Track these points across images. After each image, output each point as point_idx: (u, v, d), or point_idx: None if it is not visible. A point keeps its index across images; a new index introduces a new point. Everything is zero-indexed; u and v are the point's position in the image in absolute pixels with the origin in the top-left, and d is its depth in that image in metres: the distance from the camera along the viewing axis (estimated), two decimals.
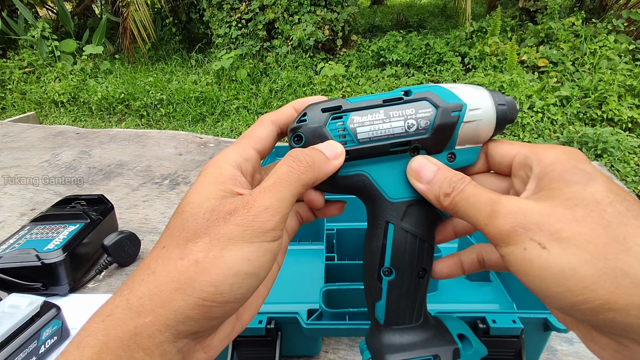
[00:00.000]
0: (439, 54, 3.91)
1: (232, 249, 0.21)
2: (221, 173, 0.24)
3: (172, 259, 0.21)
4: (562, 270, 0.18)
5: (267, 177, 0.24)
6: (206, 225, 0.21)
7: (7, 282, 0.57)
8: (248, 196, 0.22)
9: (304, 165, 0.24)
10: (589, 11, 4.14)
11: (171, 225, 0.23)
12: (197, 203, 0.23)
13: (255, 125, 0.28)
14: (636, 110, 2.98)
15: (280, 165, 0.24)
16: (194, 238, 0.21)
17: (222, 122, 3.61)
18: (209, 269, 0.20)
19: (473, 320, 0.43)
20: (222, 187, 0.23)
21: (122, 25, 4.54)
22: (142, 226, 0.78)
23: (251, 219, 0.21)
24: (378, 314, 0.28)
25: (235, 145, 0.27)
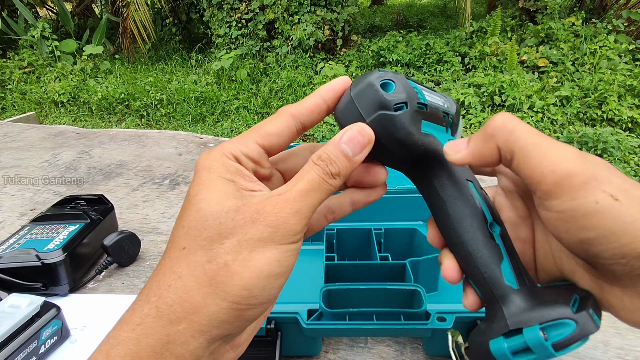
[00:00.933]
0: (439, 54, 3.91)
1: (262, 251, 0.20)
2: (226, 167, 0.23)
3: (198, 262, 0.20)
4: (635, 220, 0.18)
5: (296, 177, 0.23)
6: (232, 226, 0.20)
7: (7, 282, 0.57)
8: (277, 197, 0.21)
9: (334, 174, 0.22)
10: (589, 11, 4.14)
11: (186, 223, 0.21)
12: (216, 201, 0.21)
13: (269, 118, 0.25)
14: (636, 110, 2.98)
15: (309, 170, 0.22)
16: (219, 239, 0.20)
17: (222, 122, 3.61)
18: (240, 272, 0.20)
19: (473, 320, 0.43)
20: (235, 183, 0.22)
21: (122, 25, 4.54)
22: (142, 226, 0.78)
23: (282, 221, 0.21)
24: (508, 277, 0.24)
25: (237, 137, 0.25)
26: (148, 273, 0.65)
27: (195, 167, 0.23)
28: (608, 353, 0.47)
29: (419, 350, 0.49)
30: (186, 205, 0.22)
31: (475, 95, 3.33)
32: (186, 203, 0.22)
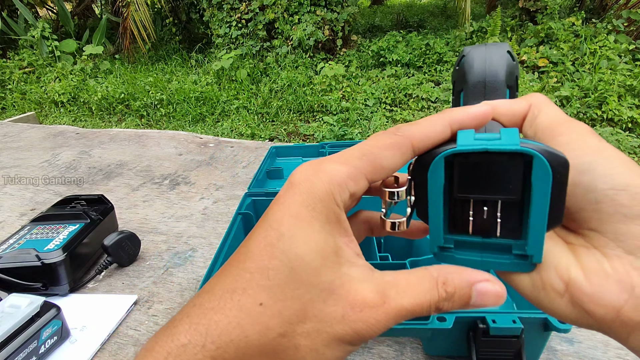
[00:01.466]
0: (439, 54, 3.91)
1: (335, 350, 0.19)
2: (328, 214, 0.19)
3: (271, 331, 0.18)
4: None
5: (404, 281, 0.20)
6: (320, 308, 0.18)
7: (7, 282, 0.57)
8: (381, 303, 0.19)
9: (442, 309, 0.20)
10: (589, 11, 4.14)
11: (272, 275, 0.19)
12: (314, 267, 0.18)
13: (386, 145, 0.20)
14: (636, 110, 2.98)
15: (425, 292, 0.19)
16: (301, 315, 0.18)
17: (222, 122, 3.61)
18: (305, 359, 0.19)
19: (473, 320, 0.43)
20: (334, 243, 0.19)
21: (122, 25, 4.54)
22: (142, 226, 0.78)
23: (370, 333, 0.19)
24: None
25: (347, 165, 0.20)
26: (148, 273, 0.65)
27: (292, 191, 0.20)
28: (608, 353, 0.47)
29: (419, 350, 0.49)
30: (275, 246, 0.19)
31: None
32: (274, 240, 0.19)
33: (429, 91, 3.54)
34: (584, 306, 0.18)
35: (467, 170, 0.19)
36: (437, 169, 0.20)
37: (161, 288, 0.62)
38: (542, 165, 0.18)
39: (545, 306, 0.20)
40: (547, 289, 0.19)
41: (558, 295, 0.19)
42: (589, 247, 0.19)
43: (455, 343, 0.45)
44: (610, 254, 0.18)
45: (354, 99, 3.62)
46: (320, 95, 3.67)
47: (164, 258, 0.69)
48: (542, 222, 0.19)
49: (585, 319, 0.19)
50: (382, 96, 3.62)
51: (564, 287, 0.19)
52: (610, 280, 0.18)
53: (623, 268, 0.18)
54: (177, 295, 0.61)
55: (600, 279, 0.18)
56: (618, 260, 0.18)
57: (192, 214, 0.82)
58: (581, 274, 0.19)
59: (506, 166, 0.19)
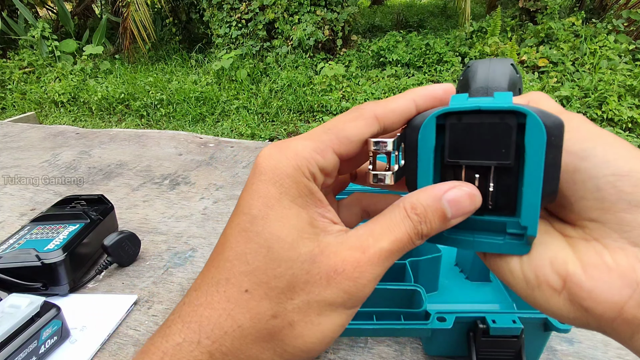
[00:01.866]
0: (439, 54, 3.92)
1: (331, 316, 0.19)
2: (299, 188, 0.19)
3: (262, 315, 0.18)
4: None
5: (377, 226, 0.19)
6: (304, 280, 0.18)
7: (7, 282, 0.57)
8: (360, 256, 0.18)
9: (424, 234, 0.19)
10: (589, 11, 4.14)
11: (252, 260, 0.18)
12: (290, 241, 0.18)
13: (349, 117, 0.20)
14: (636, 110, 2.98)
15: (398, 224, 0.19)
16: (288, 292, 0.18)
17: (222, 122, 3.61)
18: (304, 336, 0.18)
19: (473, 320, 0.43)
20: (307, 212, 0.19)
21: (122, 25, 4.54)
22: (142, 226, 0.78)
23: (360, 288, 0.18)
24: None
25: (311, 140, 0.20)
26: (148, 273, 0.65)
27: (259, 171, 0.19)
28: (608, 353, 0.47)
29: (419, 350, 0.49)
30: (249, 230, 0.19)
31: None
32: (248, 224, 0.19)
33: None
34: (583, 303, 0.17)
35: (459, 133, 0.19)
36: (428, 130, 0.19)
37: (161, 288, 0.62)
38: (536, 124, 0.17)
39: (542, 305, 0.19)
40: (543, 286, 0.18)
41: (555, 292, 0.18)
42: (589, 239, 0.18)
43: (455, 343, 0.45)
44: (612, 245, 0.17)
45: (354, 99, 3.62)
46: (320, 95, 3.67)
47: (164, 258, 0.69)
48: (536, 189, 0.17)
49: (584, 318, 0.17)
50: (382, 96, 3.62)
51: (561, 283, 0.18)
52: (612, 274, 0.16)
53: (627, 261, 0.16)
54: (177, 295, 0.61)
55: (601, 273, 0.17)
56: (621, 252, 0.17)
57: (192, 214, 0.82)
58: (579, 268, 0.17)
59: (499, 128, 0.18)
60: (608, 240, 0.17)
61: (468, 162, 0.19)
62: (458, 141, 0.19)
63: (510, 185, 0.19)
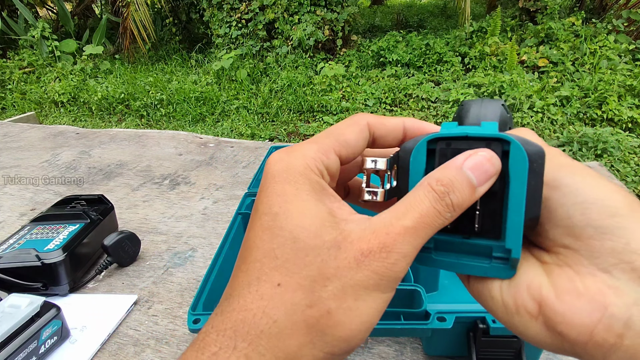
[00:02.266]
0: (439, 54, 3.91)
1: (367, 300, 0.18)
2: (312, 184, 0.20)
3: (297, 306, 0.18)
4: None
5: (401, 206, 0.19)
6: (335, 266, 0.18)
7: (7, 282, 0.57)
8: (384, 236, 0.18)
9: (455, 205, 0.19)
10: (589, 11, 4.14)
11: (280, 254, 0.18)
12: (314, 232, 0.18)
13: (346, 124, 0.22)
14: (636, 110, 2.98)
15: (422, 199, 0.19)
16: (320, 280, 0.18)
17: (222, 122, 3.61)
18: (343, 323, 0.18)
19: (473, 320, 0.43)
20: (326, 207, 0.19)
21: (122, 25, 4.54)
22: (142, 226, 0.78)
23: (390, 267, 0.18)
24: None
25: (316, 143, 0.21)
26: (148, 273, 0.65)
27: (272, 174, 0.20)
28: None
29: (419, 350, 0.49)
30: (273, 226, 0.19)
31: (475, 95, 3.33)
32: (271, 222, 0.19)
33: (429, 91, 3.54)
34: (557, 328, 0.17)
35: (447, 157, 0.20)
36: (419, 153, 0.20)
37: (161, 288, 0.62)
38: (518, 151, 0.18)
39: (521, 331, 0.19)
40: (521, 311, 0.19)
41: (532, 318, 0.18)
42: (562, 265, 0.18)
43: (455, 343, 0.45)
44: (583, 271, 0.18)
45: (354, 99, 3.62)
46: (320, 95, 3.67)
47: (164, 258, 0.69)
48: (519, 212, 0.18)
49: (560, 343, 0.18)
50: (382, 96, 3.62)
51: (537, 309, 0.18)
52: (582, 299, 0.17)
53: (596, 286, 0.17)
54: (177, 295, 0.61)
55: (572, 298, 0.17)
56: (591, 278, 0.17)
57: (192, 214, 0.82)
58: (553, 293, 0.18)
59: None
60: (579, 267, 0.18)
61: None
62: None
63: (496, 210, 0.20)
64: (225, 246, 0.56)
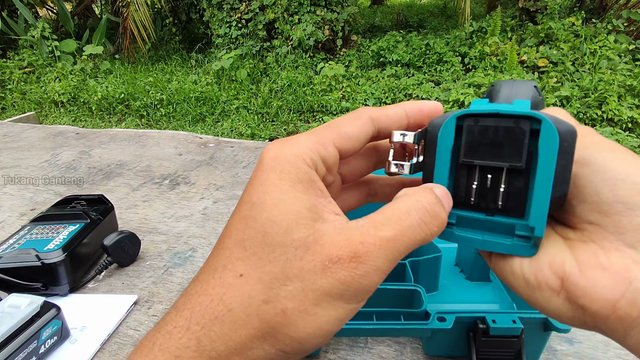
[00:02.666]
0: (439, 54, 3.91)
1: (327, 308, 0.18)
2: (299, 175, 0.19)
3: (254, 299, 0.18)
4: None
5: (381, 216, 0.18)
6: (299, 266, 0.18)
7: (7, 282, 0.57)
8: (358, 245, 0.17)
9: (437, 225, 0.19)
10: (589, 11, 4.14)
11: (249, 245, 0.18)
12: (284, 226, 0.18)
13: (348, 118, 0.22)
14: (636, 110, 2.98)
15: (408, 213, 0.18)
16: (282, 278, 0.18)
17: (222, 122, 3.61)
18: (297, 324, 0.18)
19: (473, 320, 0.43)
20: (307, 198, 0.19)
21: (122, 25, 4.54)
22: (142, 226, 0.78)
23: (358, 279, 0.17)
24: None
25: (314, 134, 0.21)
26: (148, 273, 0.65)
27: (262, 162, 0.20)
28: (608, 353, 0.47)
29: (419, 350, 0.49)
30: (248, 217, 0.19)
31: (475, 95, 3.33)
32: (248, 210, 0.19)
33: (429, 91, 3.54)
34: (579, 301, 0.18)
35: (475, 134, 0.19)
36: (448, 129, 0.20)
37: (161, 288, 0.62)
38: (550, 130, 0.18)
39: (542, 306, 0.19)
40: (543, 287, 0.19)
41: (554, 293, 0.18)
42: (587, 241, 0.18)
43: (455, 343, 0.45)
44: (609, 247, 0.18)
45: (354, 99, 3.62)
46: (320, 95, 3.67)
47: (164, 258, 0.69)
48: (546, 191, 0.18)
49: (581, 317, 0.18)
50: (382, 96, 3.62)
51: (560, 284, 0.18)
52: (606, 273, 0.17)
53: (622, 261, 0.17)
54: (177, 295, 0.61)
55: (595, 272, 0.17)
56: (617, 253, 0.17)
57: (192, 214, 0.82)
58: (576, 268, 0.18)
59: (514, 132, 0.19)
60: (605, 242, 0.18)
61: (481, 162, 0.20)
62: (473, 142, 0.20)
63: (521, 188, 0.19)
64: None
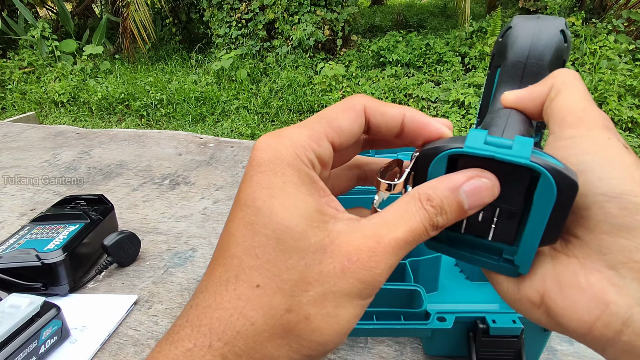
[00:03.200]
0: (439, 54, 3.91)
1: (347, 307, 0.18)
2: (301, 176, 0.19)
3: (276, 310, 0.17)
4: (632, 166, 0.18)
5: (391, 215, 0.18)
6: (318, 270, 0.17)
7: (7, 282, 0.57)
8: (374, 245, 0.18)
9: (440, 226, 0.19)
10: (589, 11, 4.14)
11: (261, 253, 0.18)
12: (300, 231, 0.18)
13: (341, 108, 0.21)
14: (636, 110, 2.98)
15: (414, 214, 0.18)
16: (302, 284, 0.17)
17: (222, 122, 3.61)
18: (321, 329, 0.18)
19: (473, 320, 0.43)
20: (315, 203, 0.18)
21: (122, 25, 4.54)
22: (142, 226, 0.78)
23: (375, 277, 0.18)
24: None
25: (306, 128, 0.20)
26: (148, 273, 0.65)
27: (258, 163, 0.19)
28: None
29: (419, 350, 0.49)
30: (255, 222, 0.18)
31: (476, 95, 3.33)
32: (253, 217, 0.18)
33: (429, 91, 3.54)
34: (557, 319, 0.18)
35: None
36: (439, 164, 0.19)
37: (161, 288, 0.62)
38: (548, 184, 0.17)
39: (524, 315, 0.20)
40: (524, 300, 0.19)
41: (534, 306, 0.19)
42: (570, 257, 0.18)
43: (455, 343, 0.45)
44: (589, 266, 0.17)
45: None
46: (320, 95, 3.67)
47: (164, 258, 0.69)
48: (535, 238, 0.18)
49: (560, 330, 0.19)
50: (382, 96, 3.62)
51: (540, 299, 0.19)
52: (584, 296, 0.17)
53: (599, 283, 0.17)
54: (177, 295, 0.61)
55: (574, 293, 0.17)
56: (596, 274, 0.17)
57: (192, 214, 0.82)
58: (556, 287, 0.18)
59: (511, 177, 0.18)
60: (586, 261, 0.18)
61: None
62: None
63: (512, 224, 0.19)
64: None
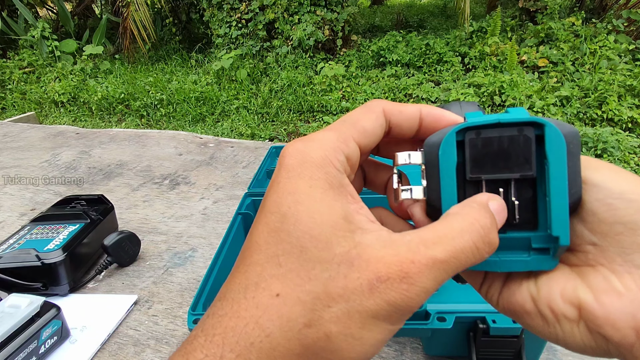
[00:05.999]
0: (439, 54, 3.91)
1: (373, 330, 0.16)
2: (330, 181, 0.18)
3: (294, 322, 0.16)
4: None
5: (431, 233, 0.17)
6: (343, 285, 0.16)
7: (7, 282, 0.57)
8: (409, 264, 0.16)
9: (488, 252, 0.17)
10: (589, 11, 4.14)
11: (284, 261, 0.17)
12: (324, 240, 0.16)
13: (362, 111, 0.20)
14: (636, 110, 2.98)
15: (462, 235, 0.16)
16: (324, 297, 0.16)
17: (222, 122, 3.61)
18: (342, 350, 0.16)
19: (473, 320, 0.43)
20: (342, 210, 0.17)
21: (122, 25, 4.54)
22: (142, 226, 0.78)
23: (407, 301, 0.16)
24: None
25: (333, 131, 0.19)
26: (148, 273, 0.65)
27: (286, 167, 0.18)
28: None
29: (419, 350, 0.49)
30: (280, 229, 0.17)
31: (475, 95, 3.33)
32: (278, 223, 0.17)
33: (429, 91, 3.54)
34: (601, 331, 0.16)
35: (478, 147, 0.19)
36: (448, 146, 0.19)
37: (161, 288, 0.62)
38: (555, 134, 0.17)
39: (565, 340, 0.18)
40: (561, 319, 0.18)
41: (574, 323, 0.17)
42: (595, 265, 0.18)
43: (455, 343, 0.45)
44: (618, 269, 0.17)
45: (354, 99, 3.61)
46: (320, 95, 3.67)
47: (164, 258, 0.69)
48: (563, 196, 0.17)
49: (605, 346, 0.17)
50: (382, 96, 3.62)
51: (577, 314, 0.17)
52: (624, 299, 0.16)
53: (635, 284, 0.16)
54: (177, 295, 0.61)
55: (612, 299, 0.16)
56: (629, 276, 0.16)
57: (192, 214, 0.82)
58: (590, 295, 0.17)
59: (519, 140, 0.18)
60: (613, 265, 0.17)
61: (490, 176, 0.19)
62: (478, 156, 0.19)
63: (530, 199, 0.19)
64: (225, 246, 0.56)
